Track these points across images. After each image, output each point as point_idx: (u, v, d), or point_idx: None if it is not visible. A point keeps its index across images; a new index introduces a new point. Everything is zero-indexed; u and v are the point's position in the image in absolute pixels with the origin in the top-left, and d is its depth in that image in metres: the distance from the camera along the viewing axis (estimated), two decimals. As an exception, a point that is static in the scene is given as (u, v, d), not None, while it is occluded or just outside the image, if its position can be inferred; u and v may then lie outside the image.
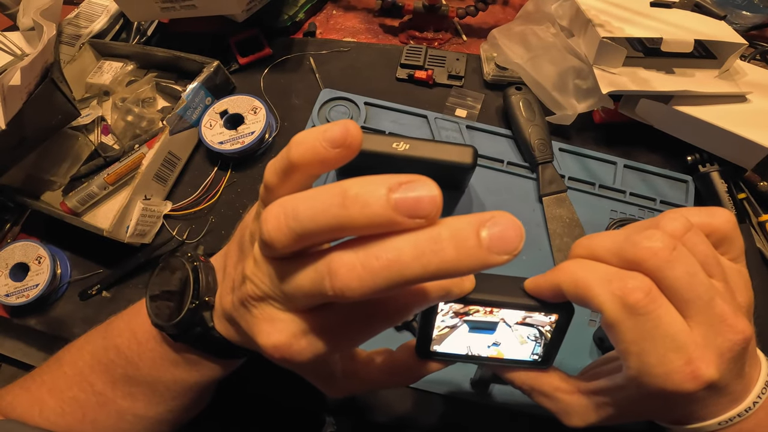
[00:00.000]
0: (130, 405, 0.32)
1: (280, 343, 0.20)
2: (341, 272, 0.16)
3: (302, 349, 0.20)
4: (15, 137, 0.44)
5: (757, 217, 0.46)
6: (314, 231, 0.17)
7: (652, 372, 0.21)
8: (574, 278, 0.22)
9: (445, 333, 0.25)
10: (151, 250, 0.46)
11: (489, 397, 0.39)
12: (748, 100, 0.46)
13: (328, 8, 0.60)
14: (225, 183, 0.48)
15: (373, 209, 0.16)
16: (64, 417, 0.32)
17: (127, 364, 0.31)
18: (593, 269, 0.22)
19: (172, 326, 0.27)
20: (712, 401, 0.23)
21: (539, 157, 0.46)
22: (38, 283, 0.44)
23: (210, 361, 0.30)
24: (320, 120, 0.50)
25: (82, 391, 0.32)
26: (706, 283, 0.22)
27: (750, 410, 0.23)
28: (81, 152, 0.51)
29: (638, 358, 0.21)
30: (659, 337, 0.21)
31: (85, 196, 0.47)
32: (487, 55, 0.52)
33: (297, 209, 0.17)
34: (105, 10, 0.59)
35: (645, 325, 0.21)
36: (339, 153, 0.17)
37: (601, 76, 0.45)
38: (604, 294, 0.21)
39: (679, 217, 0.23)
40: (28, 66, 0.41)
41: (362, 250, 0.16)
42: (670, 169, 0.48)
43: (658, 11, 0.48)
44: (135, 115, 0.50)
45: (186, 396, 0.32)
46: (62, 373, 0.33)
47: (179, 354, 0.30)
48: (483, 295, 0.23)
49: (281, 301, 0.20)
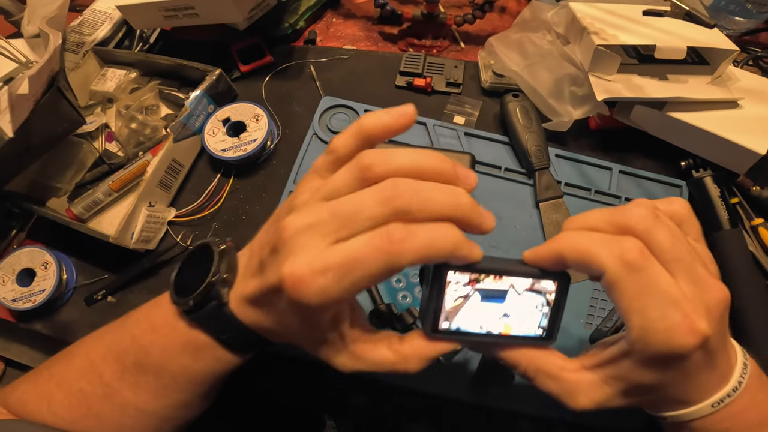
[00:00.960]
0: (134, 397, 0.32)
1: (300, 273, 0.22)
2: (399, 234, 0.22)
3: (317, 287, 0.22)
4: (22, 145, 0.45)
5: (750, 221, 0.47)
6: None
7: (655, 327, 0.23)
8: (575, 245, 0.24)
9: (458, 305, 0.26)
10: (155, 256, 0.47)
11: (488, 399, 0.40)
12: (740, 106, 0.47)
13: (328, 16, 0.61)
14: (228, 190, 0.49)
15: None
16: (70, 411, 0.33)
17: (139, 351, 0.32)
18: (592, 235, 0.25)
19: (191, 298, 0.29)
20: (705, 375, 0.25)
21: (536, 163, 0.47)
22: (44, 288, 0.45)
23: (216, 350, 0.31)
24: (321, 127, 0.51)
25: (90, 383, 0.33)
26: (687, 246, 0.25)
27: (737, 390, 0.26)
28: (86, 159, 0.52)
29: (640, 314, 0.23)
30: (657, 292, 0.23)
31: (90, 203, 0.48)
32: (484, 62, 0.53)
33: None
34: (108, 18, 0.59)
35: (643, 280, 0.23)
36: (400, 122, 0.25)
37: (596, 83, 0.46)
38: (605, 255, 0.24)
39: (646, 201, 0.25)
40: (36, 75, 0.42)
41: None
42: (665, 175, 0.49)
43: (653, 19, 0.49)
44: (139, 122, 0.51)
45: (188, 390, 0.33)
46: (72, 366, 0.34)
47: (189, 341, 0.31)
48: (488, 264, 0.25)
49: (326, 220, 0.23)
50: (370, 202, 0.23)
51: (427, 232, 0.23)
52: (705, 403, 0.26)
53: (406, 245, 0.22)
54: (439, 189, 0.23)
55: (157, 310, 0.33)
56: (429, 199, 0.23)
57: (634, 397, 0.27)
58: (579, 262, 0.24)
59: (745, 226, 0.47)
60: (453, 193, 0.23)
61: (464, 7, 0.61)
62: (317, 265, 0.22)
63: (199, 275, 0.29)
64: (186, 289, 0.30)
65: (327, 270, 0.22)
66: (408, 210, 0.22)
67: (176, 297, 0.31)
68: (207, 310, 0.29)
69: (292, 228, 0.24)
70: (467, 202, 0.24)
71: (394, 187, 0.23)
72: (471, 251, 0.24)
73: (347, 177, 0.24)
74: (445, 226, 0.23)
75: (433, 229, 0.23)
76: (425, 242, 0.22)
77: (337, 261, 0.22)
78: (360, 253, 0.22)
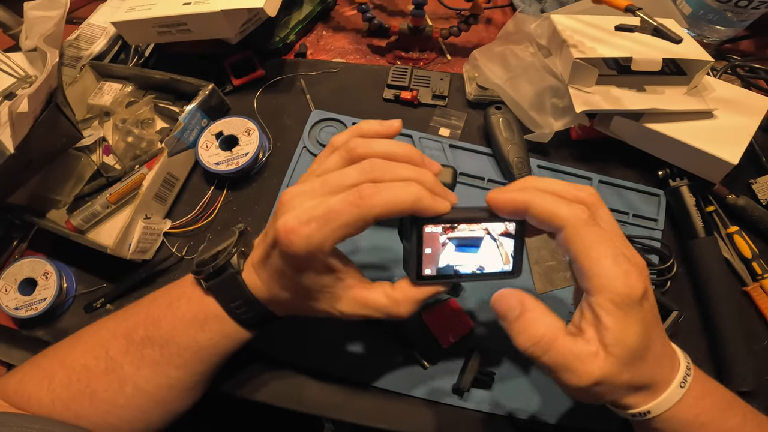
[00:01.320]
0: (134, 372, 0.35)
1: (291, 226, 0.28)
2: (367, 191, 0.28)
3: (303, 235, 0.28)
4: (23, 160, 0.46)
5: (726, 229, 0.49)
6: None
7: (613, 272, 0.27)
8: (542, 203, 0.29)
9: (437, 252, 0.31)
10: (152, 266, 0.49)
11: (470, 402, 0.42)
12: (714, 116, 0.48)
13: (319, 29, 0.63)
14: (221, 202, 0.51)
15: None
16: (69, 388, 0.34)
17: (150, 324, 0.35)
18: (555, 197, 0.29)
19: (212, 265, 0.34)
20: (660, 341, 0.29)
21: (518, 174, 0.48)
22: (46, 297, 0.47)
23: (224, 322, 0.35)
24: (311, 141, 0.52)
25: (94, 358, 0.35)
26: (617, 224, 0.30)
27: (690, 369, 0.30)
28: (84, 172, 0.53)
29: (599, 262, 0.27)
30: (609, 244, 0.28)
31: (89, 215, 0.49)
32: (469, 75, 0.55)
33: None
34: (104, 32, 0.61)
35: (597, 232, 0.28)
36: (389, 131, 0.32)
37: (576, 95, 0.47)
38: (566, 212, 0.28)
39: (587, 187, 0.31)
40: (34, 93, 0.44)
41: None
42: (643, 184, 0.50)
43: (630, 31, 0.50)
44: (135, 136, 0.53)
45: (189, 366, 0.36)
46: (80, 344, 0.37)
47: (200, 309, 0.35)
48: (457, 213, 0.30)
49: (315, 187, 0.30)
50: (352, 173, 0.29)
51: (390, 188, 0.28)
52: (674, 384, 0.29)
53: (375, 199, 0.28)
54: (407, 166, 0.30)
55: (175, 287, 0.37)
56: (398, 171, 0.29)
57: (626, 368, 0.28)
58: (543, 217, 0.29)
59: (722, 233, 0.48)
60: (418, 171, 0.30)
61: (451, 18, 0.63)
62: (303, 217, 0.28)
63: (222, 250, 0.35)
64: (210, 255, 0.35)
65: (311, 220, 0.28)
66: (381, 178, 0.29)
67: (197, 267, 0.35)
68: (223, 276, 0.34)
69: (289, 195, 0.30)
70: (430, 177, 0.30)
71: (371, 164, 0.29)
72: (434, 203, 0.29)
73: (337, 158, 0.31)
74: (407, 183, 0.29)
75: (397, 185, 0.28)
76: (389, 196, 0.28)
77: (318, 213, 0.28)
78: (337, 206, 0.28)
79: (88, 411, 0.34)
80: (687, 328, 0.45)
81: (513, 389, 0.42)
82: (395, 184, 0.29)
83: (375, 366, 0.43)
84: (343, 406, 0.42)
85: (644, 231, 0.48)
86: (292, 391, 0.43)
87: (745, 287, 0.46)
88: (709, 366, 0.44)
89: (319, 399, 0.43)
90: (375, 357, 0.43)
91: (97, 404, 0.34)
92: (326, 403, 0.43)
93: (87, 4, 0.68)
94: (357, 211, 0.28)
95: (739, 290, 0.47)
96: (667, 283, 0.46)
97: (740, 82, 0.57)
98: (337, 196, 0.29)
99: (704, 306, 0.45)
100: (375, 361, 0.43)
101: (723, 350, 0.43)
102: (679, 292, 0.46)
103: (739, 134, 0.47)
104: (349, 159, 0.30)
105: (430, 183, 0.30)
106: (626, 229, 0.48)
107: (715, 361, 0.44)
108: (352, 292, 0.33)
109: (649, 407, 0.29)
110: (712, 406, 0.30)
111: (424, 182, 0.29)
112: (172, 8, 0.51)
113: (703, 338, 0.45)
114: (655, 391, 0.29)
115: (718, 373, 0.43)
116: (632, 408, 0.29)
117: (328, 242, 0.29)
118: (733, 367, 0.42)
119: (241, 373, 0.44)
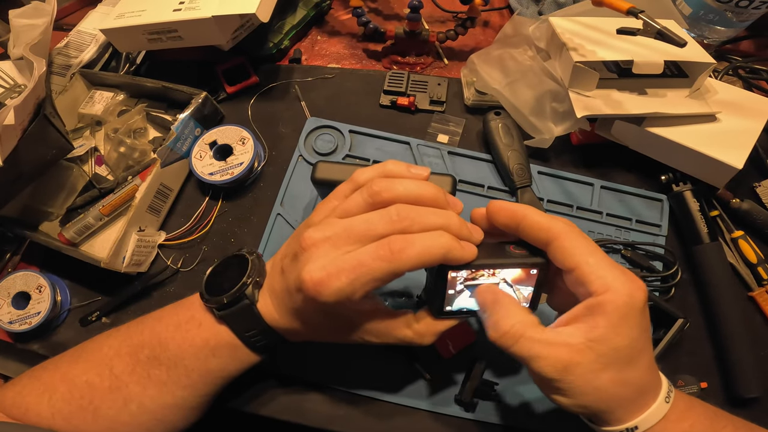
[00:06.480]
0: (140, 391, 0.34)
1: (318, 278, 0.28)
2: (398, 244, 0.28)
3: (333, 287, 0.28)
4: (12, 173, 0.45)
5: (730, 234, 0.48)
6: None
7: (611, 275, 0.28)
8: (536, 217, 0.30)
9: (458, 293, 0.32)
10: (147, 279, 0.48)
11: (473, 413, 0.41)
12: (717, 120, 0.47)
13: (313, 34, 0.62)
14: (216, 213, 0.50)
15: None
16: (70, 403, 0.34)
17: (157, 345, 0.35)
18: (546, 214, 0.30)
19: (226, 296, 0.33)
20: (647, 356, 0.29)
21: (518, 181, 0.47)
22: (40, 311, 0.46)
23: (236, 349, 0.35)
24: (307, 149, 0.51)
25: (98, 375, 0.35)
26: None
27: (671, 390, 0.30)
28: (76, 183, 0.52)
29: (598, 265, 0.28)
30: (603, 253, 0.29)
31: (81, 228, 0.48)
32: (467, 80, 0.54)
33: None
34: (94, 39, 0.60)
35: (591, 242, 0.29)
36: (415, 177, 0.31)
37: (576, 99, 0.46)
38: (560, 224, 0.29)
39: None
40: (21, 104, 0.43)
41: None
42: (646, 189, 0.49)
43: (630, 34, 0.50)
44: (127, 146, 0.51)
45: (196, 387, 0.35)
46: (82, 359, 0.36)
47: (212, 337, 0.34)
48: (482, 260, 0.30)
49: (340, 235, 0.29)
50: (379, 222, 0.28)
51: (421, 241, 0.28)
52: (660, 398, 0.29)
53: (405, 253, 0.27)
54: (434, 212, 0.29)
55: (182, 309, 0.36)
56: (426, 219, 0.29)
57: (607, 366, 0.28)
58: (539, 226, 0.29)
59: (726, 238, 0.48)
60: (445, 215, 0.29)
61: (447, 22, 0.62)
62: (332, 269, 0.28)
63: (230, 279, 0.34)
64: (217, 291, 0.34)
65: (340, 273, 0.28)
66: (409, 228, 0.28)
67: (208, 296, 0.34)
68: (238, 307, 0.33)
69: (311, 240, 0.29)
70: (456, 221, 0.30)
71: (398, 212, 0.28)
72: (463, 253, 0.29)
73: (359, 200, 0.30)
74: (437, 234, 0.28)
75: (427, 237, 0.28)
76: (421, 249, 0.27)
77: (347, 266, 0.28)
78: (367, 260, 0.28)
79: (90, 427, 0.34)
80: (692, 335, 0.44)
81: (516, 399, 0.41)
82: (425, 235, 0.28)
83: (377, 378, 0.43)
84: (346, 418, 0.42)
85: (647, 237, 0.48)
86: (294, 404, 0.43)
87: (750, 292, 0.46)
88: (715, 373, 0.43)
89: (321, 412, 0.42)
90: (377, 369, 0.43)
91: (100, 421, 0.34)
92: (328, 416, 0.42)
93: (76, 10, 0.67)
94: (387, 267, 0.27)
95: (745, 296, 0.46)
96: (672, 290, 0.45)
97: (741, 84, 0.56)
98: (365, 247, 0.28)
99: (709, 312, 0.45)
100: (377, 373, 0.43)
101: (729, 357, 0.43)
102: (684, 299, 0.46)
103: (742, 137, 0.46)
104: (373, 204, 0.30)
105: (457, 228, 0.29)
106: (629, 235, 0.48)
107: (721, 367, 0.43)
108: (377, 324, 0.33)
109: (636, 422, 0.28)
110: (701, 416, 0.30)
111: (451, 227, 0.29)
112: (162, 15, 0.50)
113: (708, 345, 0.44)
114: (643, 405, 0.29)
115: (724, 380, 0.43)
116: (620, 423, 0.29)
117: (358, 294, 0.28)
118: (740, 374, 0.42)
119: (244, 387, 0.43)
